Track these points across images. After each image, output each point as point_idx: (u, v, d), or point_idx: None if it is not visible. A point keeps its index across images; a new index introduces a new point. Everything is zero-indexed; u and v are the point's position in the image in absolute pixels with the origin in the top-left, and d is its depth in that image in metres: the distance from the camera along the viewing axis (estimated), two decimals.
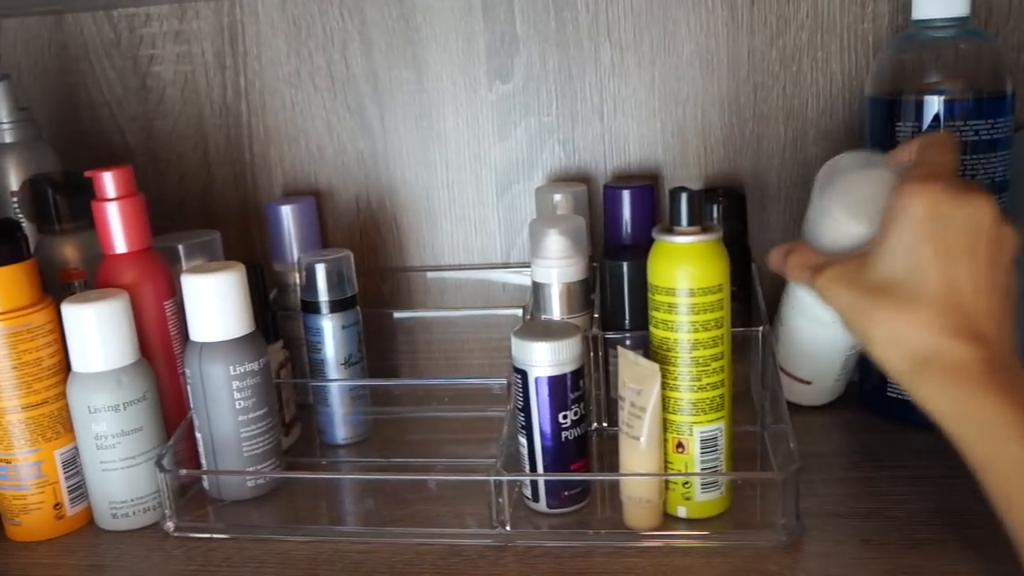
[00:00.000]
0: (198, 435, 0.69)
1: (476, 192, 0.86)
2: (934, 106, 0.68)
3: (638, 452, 0.61)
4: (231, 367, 0.67)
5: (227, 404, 0.67)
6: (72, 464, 0.68)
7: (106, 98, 0.89)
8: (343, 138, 0.87)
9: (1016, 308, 0.52)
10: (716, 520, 0.63)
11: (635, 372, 0.60)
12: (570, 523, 0.64)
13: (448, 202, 0.87)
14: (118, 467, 0.66)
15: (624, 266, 0.73)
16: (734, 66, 0.79)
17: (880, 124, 0.71)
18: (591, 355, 0.72)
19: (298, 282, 0.78)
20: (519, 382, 0.63)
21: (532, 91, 0.83)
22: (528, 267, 0.81)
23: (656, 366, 0.59)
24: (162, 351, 0.71)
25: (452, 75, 0.83)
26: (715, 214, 0.76)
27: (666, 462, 0.62)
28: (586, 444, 0.65)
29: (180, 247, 0.77)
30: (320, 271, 0.75)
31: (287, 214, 0.82)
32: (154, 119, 0.89)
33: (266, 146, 0.88)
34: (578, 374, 0.63)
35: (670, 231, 0.60)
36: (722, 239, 0.60)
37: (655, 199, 0.80)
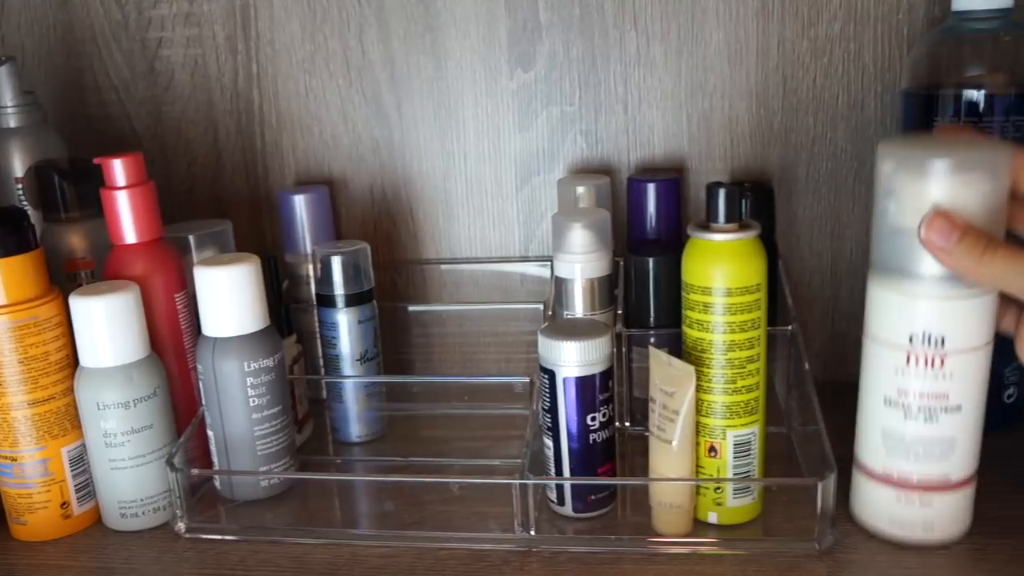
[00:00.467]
0: (210, 433, 0.67)
1: (495, 183, 0.83)
2: (974, 100, 0.66)
3: (670, 456, 0.59)
4: (245, 363, 0.64)
5: (241, 401, 0.65)
6: (80, 462, 0.66)
7: (113, 82, 0.87)
8: (358, 126, 0.84)
9: None
10: (748, 526, 0.61)
11: (668, 374, 0.58)
12: (597, 528, 0.62)
13: (466, 194, 0.84)
14: (127, 465, 0.64)
15: (649, 261, 0.70)
16: (763, 56, 0.77)
17: (916, 118, 0.69)
18: (615, 352, 0.69)
19: (311, 274, 0.76)
20: (546, 382, 0.61)
21: (554, 80, 0.80)
22: (548, 261, 0.79)
23: (691, 368, 0.57)
24: (173, 346, 0.69)
25: (472, 63, 0.81)
26: (743, 208, 0.73)
27: (697, 466, 0.60)
28: (613, 447, 0.63)
29: (191, 237, 0.74)
30: (336, 264, 0.72)
31: (300, 204, 0.80)
32: (163, 104, 0.86)
33: (278, 133, 0.85)
34: (607, 375, 0.61)
35: (706, 228, 0.58)
36: (760, 237, 0.58)
37: (680, 192, 0.77)
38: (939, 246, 0.52)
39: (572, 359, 0.60)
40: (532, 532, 0.60)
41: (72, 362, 0.64)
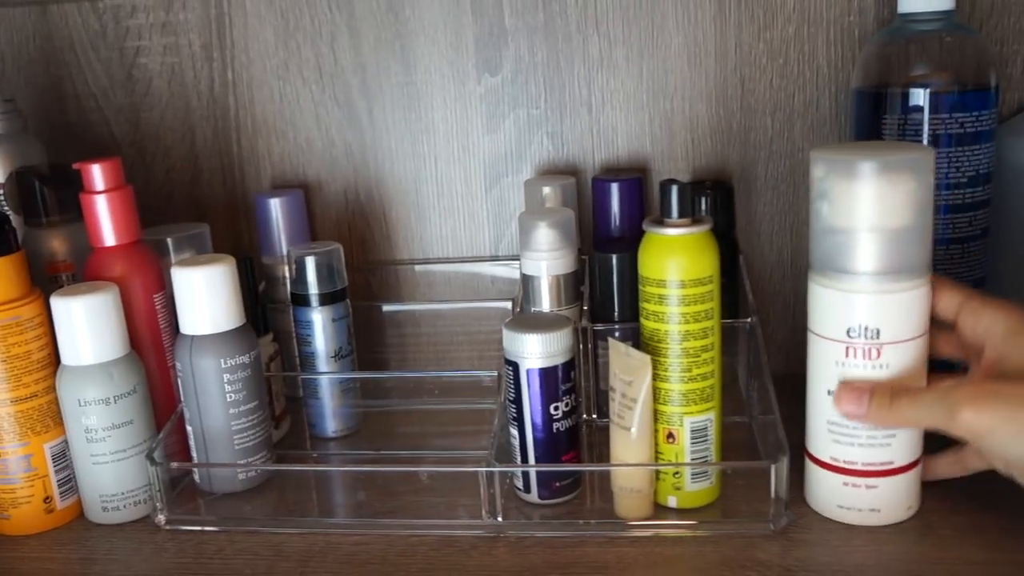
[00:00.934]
0: (189, 428, 0.69)
1: (465, 185, 0.86)
2: (919, 98, 0.69)
3: (629, 442, 0.61)
4: (222, 360, 0.67)
5: (218, 397, 0.67)
6: (62, 457, 0.68)
7: (92, 90, 0.89)
8: (331, 131, 0.87)
9: None
10: (706, 509, 0.64)
11: (626, 363, 0.61)
12: (562, 513, 0.65)
13: (437, 195, 0.87)
14: (109, 460, 0.66)
15: (613, 258, 0.73)
16: (722, 59, 0.80)
17: (866, 116, 0.72)
18: (580, 347, 0.72)
19: (287, 275, 0.78)
20: (510, 374, 0.63)
21: (521, 84, 0.83)
22: (517, 260, 0.81)
23: (647, 357, 0.60)
24: (152, 344, 0.71)
25: (441, 68, 0.83)
26: (703, 206, 0.76)
27: (657, 452, 0.63)
28: (577, 435, 0.65)
29: (169, 240, 0.77)
30: (310, 264, 0.75)
31: (275, 207, 0.82)
32: (141, 111, 0.89)
33: (254, 139, 0.88)
34: (569, 366, 0.63)
35: (660, 223, 0.60)
36: (712, 231, 0.61)
37: (643, 191, 0.80)
38: (854, 413, 0.57)
39: (535, 351, 0.62)
40: (499, 518, 0.63)
41: (54, 360, 0.66)
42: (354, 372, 0.78)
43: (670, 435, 0.62)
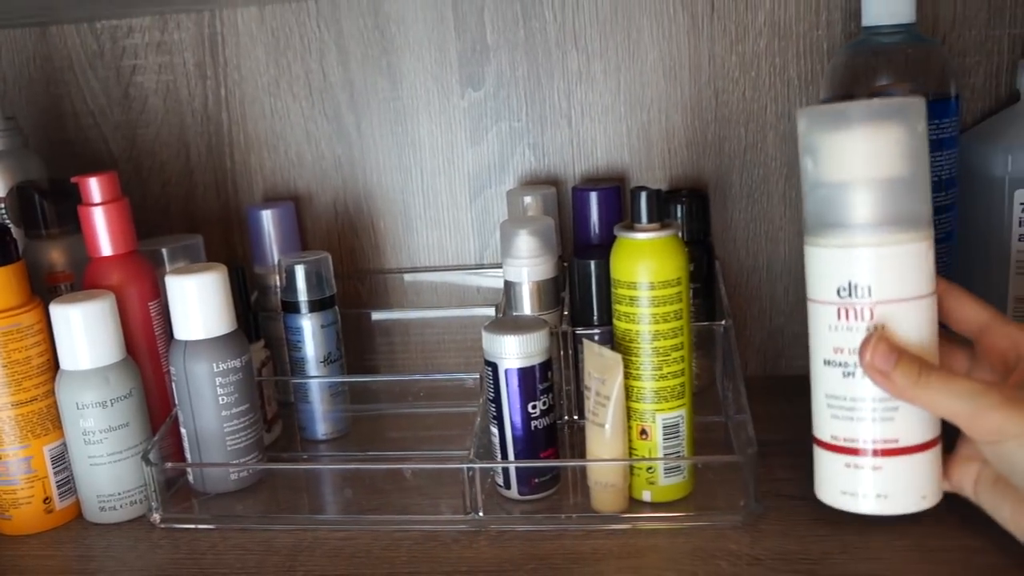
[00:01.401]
0: (183, 430, 0.71)
1: (450, 196, 0.89)
2: None
3: (603, 439, 0.64)
4: (214, 364, 0.69)
5: (211, 400, 0.70)
6: (61, 459, 0.70)
7: (90, 107, 0.92)
8: (321, 145, 0.90)
9: None
10: (680, 503, 0.66)
11: (599, 363, 0.64)
12: (541, 508, 0.67)
13: (423, 206, 0.90)
14: (105, 462, 0.69)
15: (592, 264, 0.76)
16: (696, 72, 0.83)
17: None
18: (561, 351, 0.75)
19: (278, 283, 0.81)
20: (490, 374, 0.66)
21: (503, 98, 0.86)
22: (501, 268, 0.84)
23: (619, 356, 0.62)
24: (147, 350, 0.74)
25: (426, 83, 0.87)
26: (679, 213, 0.79)
27: (630, 448, 0.65)
28: (555, 433, 0.68)
29: (164, 250, 0.80)
30: (299, 272, 0.78)
31: (267, 218, 0.85)
32: (137, 128, 0.92)
33: (246, 153, 0.91)
34: (546, 366, 0.66)
35: (631, 228, 0.63)
36: (680, 235, 0.64)
37: (622, 200, 0.83)
38: (879, 368, 0.54)
39: (513, 352, 0.65)
40: (481, 514, 0.65)
41: (53, 366, 0.69)
42: (341, 376, 0.80)
43: (643, 431, 0.65)
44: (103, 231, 0.72)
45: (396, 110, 0.88)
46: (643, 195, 0.62)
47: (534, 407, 0.66)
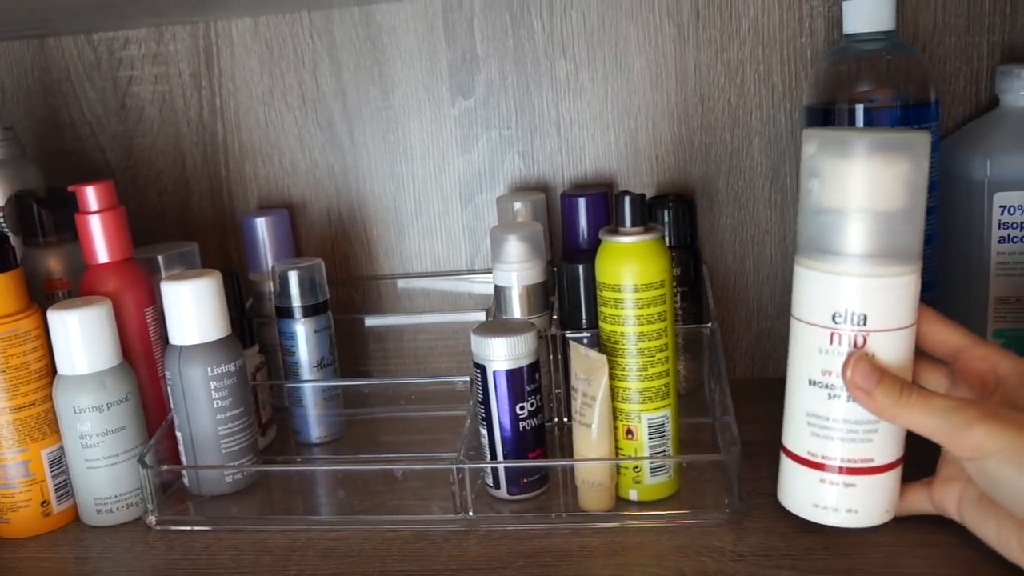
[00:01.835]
0: (178, 434, 0.73)
1: (441, 203, 0.90)
2: (865, 113, 0.73)
3: (590, 439, 0.65)
4: (209, 368, 0.71)
5: (205, 404, 0.71)
6: (58, 463, 0.71)
7: (87, 118, 0.93)
8: (314, 153, 0.91)
9: None
10: (665, 502, 0.67)
11: (585, 364, 0.65)
12: (530, 508, 0.68)
13: (415, 213, 0.91)
14: (102, 465, 0.70)
15: (580, 268, 0.77)
16: (682, 80, 0.84)
17: None
18: (551, 354, 0.76)
19: (272, 289, 0.82)
20: (479, 376, 0.67)
21: (492, 106, 0.87)
22: (491, 273, 0.86)
23: (604, 357, 0.64)
24: (143, 355, 0.75)
25: (417, 92, 0.88)
26: (666, 219, 0.80)
27: (617, 448, 0.66)
28: (543, 434, 0.69)
29: (160, 257, 0.81)
30: (293, 278, 0.79)
31: (261, 226, 0.86)
32: (134, 137, 0.93)
33: (241, 162, 0.92)
34: (534, 367, 0.67)
35: (615, 232, 0.64)
36: (663, 238, 0.65)
37: (609, 206, 0.84)
38: (861, 387, 0.55)
39: (501, 353, 0.66)
40: (470, 513, 0.66)
41: (50, 371, 0.70)
42: (333, 380, 0.82)
43: (629, 431, 0.66)
44: (100, 239, 0.74)
45: (388, 119, 0.89)
46: (627, 199, 0.64)
47: (522, 408, 0.67)
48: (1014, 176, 0.72)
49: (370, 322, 0.92)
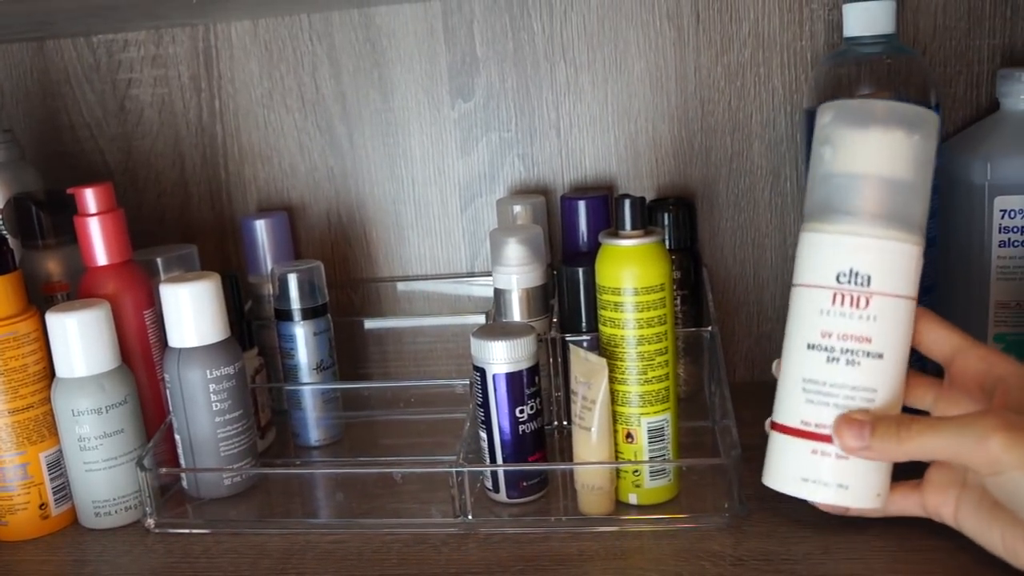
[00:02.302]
0: (177, 436, 0.72)
1: (441, 205, 0.90)
2: None
3: (590, 442, 0.65)
4: (208, 371, 0.70)
5: (204, 406, 0.71)
6: (56, 466, 0.71)
7: (86, 120, 0.93)
8: (314, 156, 0.91)
9: None
10: (665, 505, 0.67)
11: (585, 367, 0.65)
12: (529, 511, 0.68)
13: (415, 215, 0.91)
14: (101, 467, 0.70)
15: (580, 272, 0.77)
16: (682, 83, 0.84)
17: None
18: (551, 357, 0.76)
19: (272, 292, 0.82)
20: (478, 380, 0.67)
21: (492, 109, 0.87)
22: (491, 276, 0.85)
23: (603, 360, 0.64)
24: (142, 357, 0.75)
25: (416, 95, 0.88)
26: (666, 222, 0.80)
27: (617, 452, 0.66)
28: (543, 437, 0.69)
29: (159, 260, 0.81)
30: (292, 280, 0.79)
31: (261, 228, 0.86)
32: (133, 140, 0.93)
33: (240, 164, 0.92)
34: (533, 371, 0.67)
35: (615, 235, 0.64)
36: (663, 241, 0.65)
37: (609, 209, 0.84)
38: (856, 446, 0.54)
39: (500, 357, 0.66)
40: (470, 517, 0.66)
41: (49, 373, 0.70)
42: (333, 383, 0.81)
43: (629, 435, 0.66)
44: (98, 241, 0.74)
45: (388, 121, 0.89)
46: (627, 202, 0.63)
47: (522, 411, 0.67)
48: (1015, 180, 0.72)
49: (369, 325, 0.92)
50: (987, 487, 0.54)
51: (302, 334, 0.79)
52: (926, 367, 0.62)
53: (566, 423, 0.78)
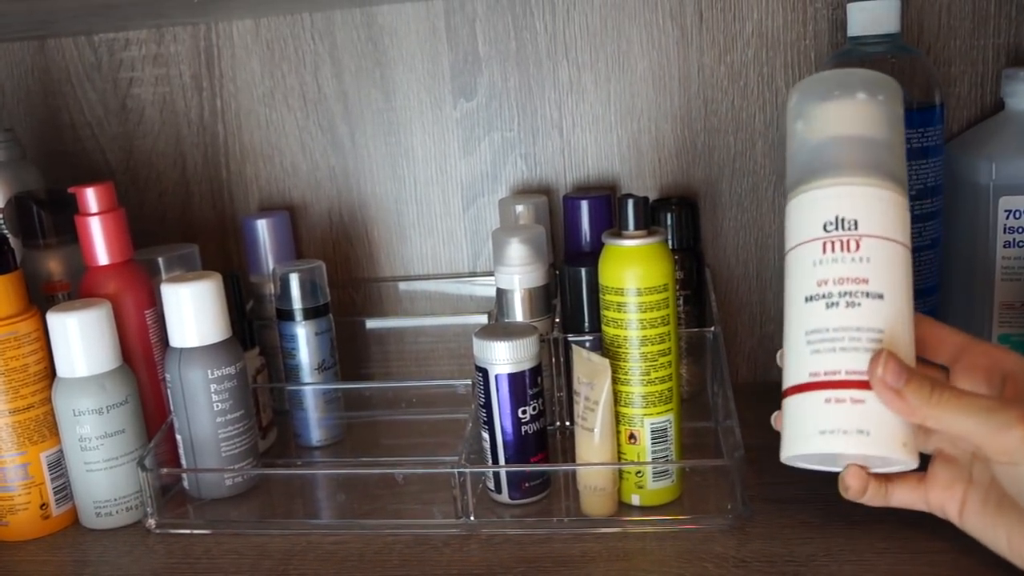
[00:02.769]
0: (178, 436, 0.72)
1: (443, 205, 0.90)
2: None
3: (592, 443, 0.65)
4: (209, 371, 0.70)
5: (205, 406, 0.71)
6: (57, 466, 0.71)
7: (88, 119, 0.93)
8: (315, 155, 0.91)
9: None
10: (668, 507, 0.67)
11: (588, 368, 0.64)
12: (531, 512, 0.68)
13: (417, 215, 0.91)
14: (102, 468, 0.70)
15: (582, 271, 0.77)
16: (685, 82, 0.84)
17: None
18: (553, 358, 0.76)
19: (273, 292, 0.82)
20: (480, 380, 0.67)
21: (495, 108, 0.87)
22: (493, 276, 0.85)
23: (606, 361, 0.63)
24: (143, 357, 0.75)
25: (418, 94, 0.88)
26: (669, 222, 0.80)
27: (619, 453, 0.66)
28: (545, 438, 0.69)
29: (160, 259, 0.81)
30: (294, 280, 0.78)
31: (262, 228, 0.86)
32: (134, 139, 0.93)
33: (242, 163, 0.92)
34: (536, 371, 0.67)
35: (618, 235, 0.64)
36: (667, 241, 0.65)
37: (612, 208, 0.84)
38: (891, 385, 0.52)
39: (503, 357, 0.66)
40: (472, 517, 0.66)
41: (50, 373, 0.70)
42: (334, 383, 0.81)
43: (632, 436, 0.66)
44: (100, 241, 0.73)
45: (389, 121, 0.89)
46: (630, 203, 0.63)
47: (524, 412, 0.67)
48: (1019, 180, 0.72)
49: (371, 324, 0.92)
50: (997, 475, 0.53)
51: (303, 334, 0.79)
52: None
53: (568, 424, 0.78)
